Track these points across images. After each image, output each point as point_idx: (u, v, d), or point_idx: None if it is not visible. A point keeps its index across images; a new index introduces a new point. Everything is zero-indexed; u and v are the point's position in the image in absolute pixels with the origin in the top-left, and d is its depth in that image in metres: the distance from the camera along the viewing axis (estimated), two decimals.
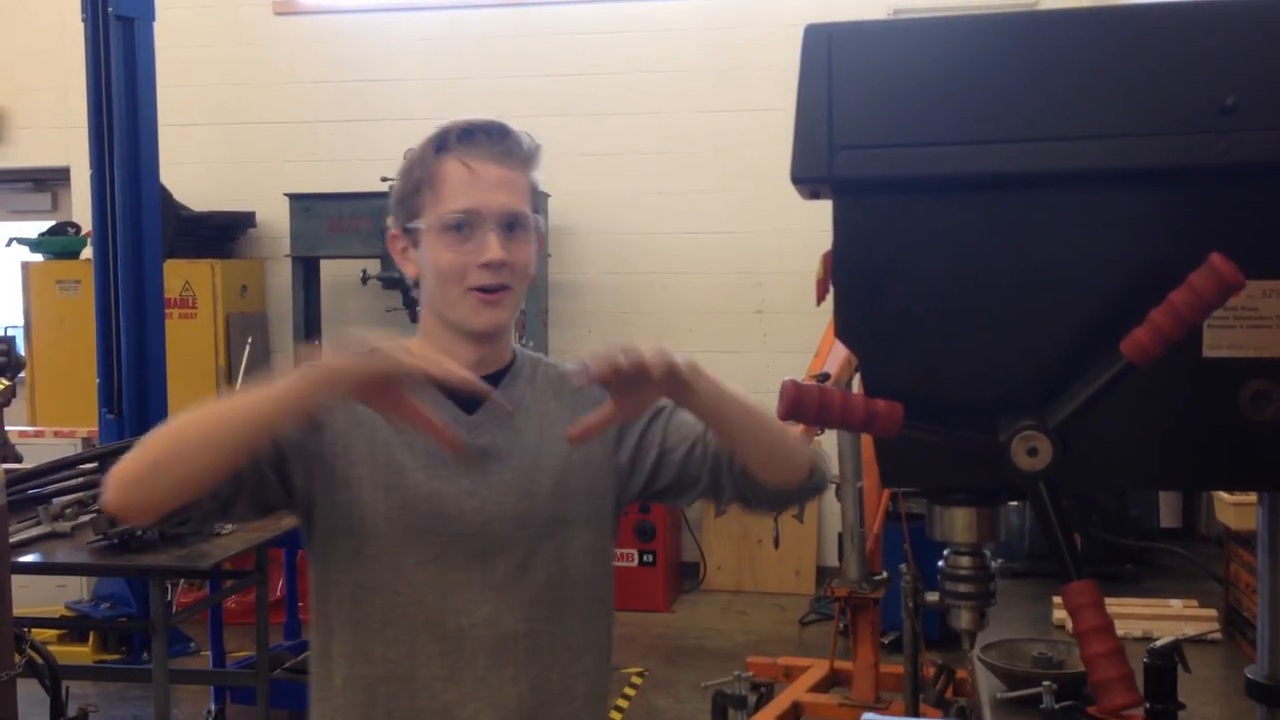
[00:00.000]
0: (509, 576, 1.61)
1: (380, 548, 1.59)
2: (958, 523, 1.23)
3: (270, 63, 7.25)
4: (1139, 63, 1.09)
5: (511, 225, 1.60)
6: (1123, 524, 2.69)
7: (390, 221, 1.69)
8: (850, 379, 3.52)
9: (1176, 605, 2.37)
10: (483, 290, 1.59)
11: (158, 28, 5.03)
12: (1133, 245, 1.12)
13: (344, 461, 1.60)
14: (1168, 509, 2.98)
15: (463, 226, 1.58)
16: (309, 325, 6.74)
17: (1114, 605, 1.74)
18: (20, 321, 7.05)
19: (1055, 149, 1.10)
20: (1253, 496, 1.32)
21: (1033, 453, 1.11)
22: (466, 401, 1.62)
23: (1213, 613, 2.30)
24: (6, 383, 4.90)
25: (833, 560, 6.35)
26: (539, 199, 1.69)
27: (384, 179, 6.49)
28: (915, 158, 1.12)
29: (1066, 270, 1.13)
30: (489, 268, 1.58)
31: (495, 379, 1.65)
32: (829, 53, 1.13)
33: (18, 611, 3.12)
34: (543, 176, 1.69)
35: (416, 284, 1.68)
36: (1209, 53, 1.08)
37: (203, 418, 1.46)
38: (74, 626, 5.24)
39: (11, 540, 3.44)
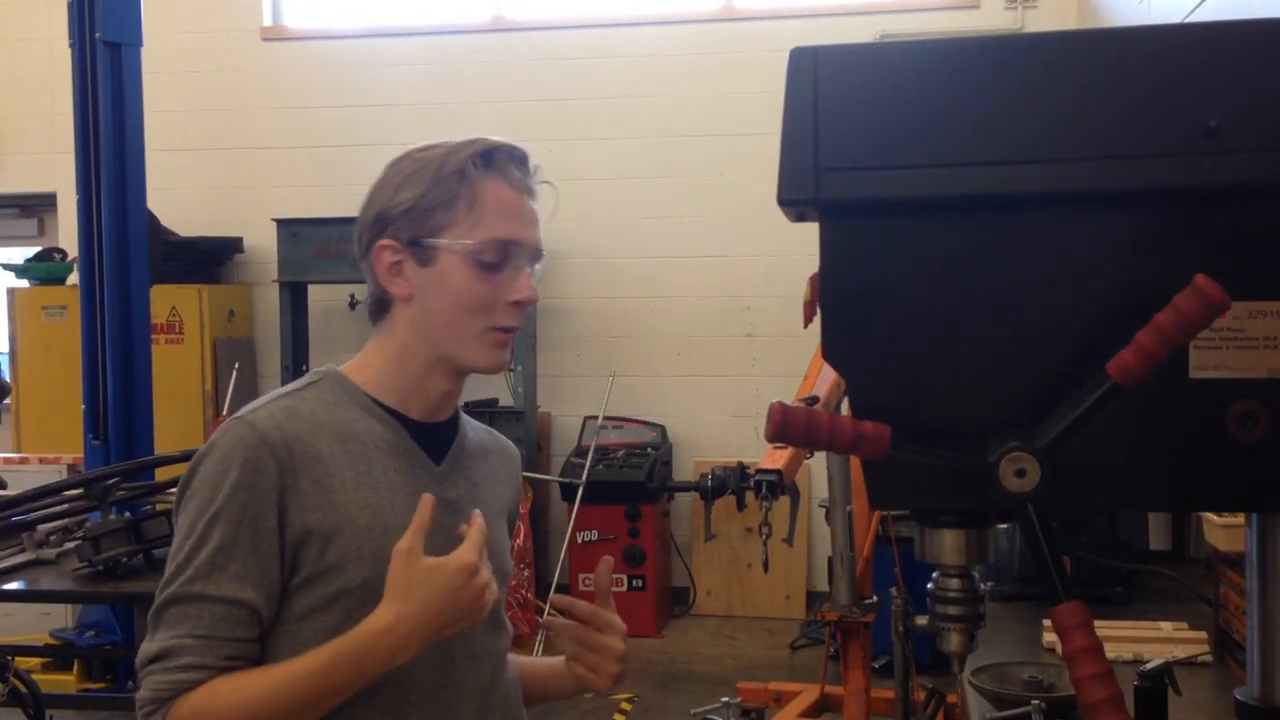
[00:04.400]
0: (487, 642, 1.53)
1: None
2: (946, 545, 1.22)
3: (258, 88, 7.26)
4: (1123, 86, 1.10)
5: (534, 265, 1.50)
6: (1112, 547, 2.68)
7: (380, 229, 1.47)
8: (839, 402, 3.52)
9: (1166, 628, 2.36)
10: (504, 330, 1.47)
11: (145, 52, 5.03)
12: (1118, 267, 1.12)
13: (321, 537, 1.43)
14: (1157, 531, 2.98)
15: (499, 257, 1.45)
16: (297, 350, 6.73)
17: (1104, 628, 1.74)
18: (6, 348, 7.02)
19: (1042, 171, 1.11)
20: (1241, 518, 1.32)
21: (1021, 474, 1.11)
22: (435, 446, 1.53)
23: (1203, 635, 2.30)
24: None
25: (823, 584, 6.32)
26: None
27: None
28: (901, 180, 1.12)
29: (1053, 292, 1.13)
30: (519, 307, 1.47)
31: (453, 425, 1.58)
32: (814, 75, 1.13)
33: (1, 639, 3.09)
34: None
35: (384, 305, 1.50)
36: (1193, 76, 1.09)
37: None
38: (58, 654, 5.18)
39: None
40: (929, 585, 1.27)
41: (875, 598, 3.84)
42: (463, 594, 1.34)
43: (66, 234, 7.00)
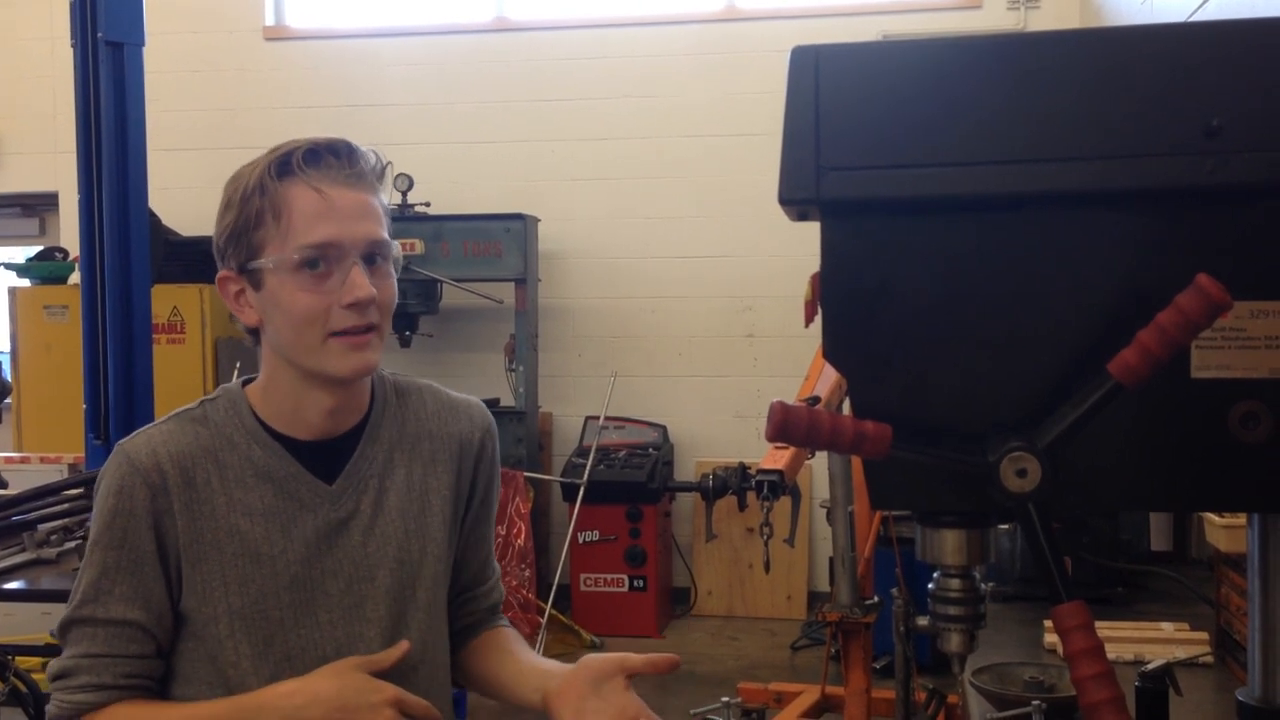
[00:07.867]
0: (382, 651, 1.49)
1: (238, 649, 1.43)
2: (947, 545, 1.22)
3: (260, 88, 7.26)
4: (1125, 85, 1.10)
5: (373, 257, 1.42)
6: (1113, 547, 2.68)
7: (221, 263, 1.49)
8: (840, 403, 3.51)
9: (1168, 628, 2.36)
10: (349, 333, 1.40)
11: (147, 52, 5.03)
12: (1120, 266, 1.12)
13: (190, 561, 1.43)
14: (1158, 532, 2.98)
15: (319, 262, 1.39)
16: None
17: (1105, 629, 1.74)
18: (7, 347, 7.02)
19: (1043, 171, 1.10)
20: (1243, 519, 1.32)
21: (1022, 474, 1.10)
22: (325, 465, 1.49)
23: (1204, 636, 2.30)
24: None
25: (824, 585, 6.32)
26: (391, 225, 1.49)
27: None
28: (903, 179, 1.12)
29: (1054, 291, 1.13)
30: (356, 307, 1.39)
31: (354, 436, 1.52)
32: (816, 74, 1.13)
33: (1, 639, 3.10)
34: (387, 197, 1.51)
35: (253, 332, 1.49)
36: (1194, 75, 1.09)
37: None
38: (58, 654, 5.18)
39: None
40: (930, 586, 1.27)
41: (876, 598, 3.84)
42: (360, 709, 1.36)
43: (68, 233, 7.00)
